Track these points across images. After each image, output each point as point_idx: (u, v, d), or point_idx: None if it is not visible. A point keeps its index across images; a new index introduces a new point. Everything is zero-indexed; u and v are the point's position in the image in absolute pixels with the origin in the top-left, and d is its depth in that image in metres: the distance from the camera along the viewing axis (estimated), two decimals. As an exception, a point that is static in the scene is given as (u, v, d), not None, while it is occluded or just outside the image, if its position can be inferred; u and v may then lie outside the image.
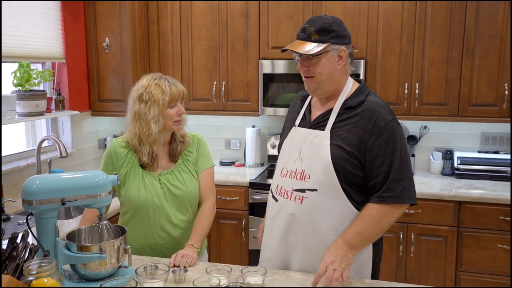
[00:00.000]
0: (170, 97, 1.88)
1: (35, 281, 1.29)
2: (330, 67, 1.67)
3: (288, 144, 1.81)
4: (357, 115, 1.66)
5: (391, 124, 1.63)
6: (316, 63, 1.66)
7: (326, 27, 1.65)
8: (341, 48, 1.67)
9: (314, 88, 1.71)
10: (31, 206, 1.51)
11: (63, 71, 3.28)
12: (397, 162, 1.61)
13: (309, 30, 1.67)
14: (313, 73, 1.68)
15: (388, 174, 1.61)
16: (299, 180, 1.70)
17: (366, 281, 1.66)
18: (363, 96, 1.70)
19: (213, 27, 3.49)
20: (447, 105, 3.17)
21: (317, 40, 1.65)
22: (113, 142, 1.98)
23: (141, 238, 1.95)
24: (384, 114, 1.64)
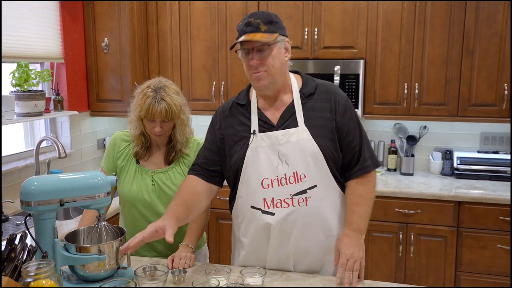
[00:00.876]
0: (144, 113, 1.85)
1: (33, 282, 1.28)
2: (280, 58, 1.65)
3: (257, 154, 1.67)
4: (319, 100, 1.70)
5: (348, 100, 1.73)
6: (268, 55, 1.61)
7: (272, 19, 1.64)
8: (286, 39, 1.68)
9: (267, 83, 1.64)
10: (29, 207, 1.50)
11: (61, 71, 3.27)
12: (362, 132, 1.73)
13: (256, 22, 1.62)
14: (266, 67, 1.62)
15: (361, 146, 1.71)
16: (295, 183, 1.64)
17: (366, 282, 1.66)
18: (314, 82, 1.74)
19: (212, 27, 3.48)
20: (447, 105, 3.17)
21: (266, 30, 1.61)
22: (116, 134, 2.05)
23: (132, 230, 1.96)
24: (339, 92, 1.73)
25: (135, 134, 1.96)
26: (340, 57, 3.27)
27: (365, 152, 1.71)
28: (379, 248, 3.10)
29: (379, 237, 3.09)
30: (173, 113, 1.86)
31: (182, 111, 1.92)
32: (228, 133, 1.75)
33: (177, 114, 1.88)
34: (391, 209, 3.04)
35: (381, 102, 3.27)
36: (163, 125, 1.88)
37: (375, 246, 3.10)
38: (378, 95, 3.27)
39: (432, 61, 3.15)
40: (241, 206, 1.73)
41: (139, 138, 1.97)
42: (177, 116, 1.89)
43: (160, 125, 1.88)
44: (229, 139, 1.74)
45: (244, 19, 1.66)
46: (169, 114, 1.85)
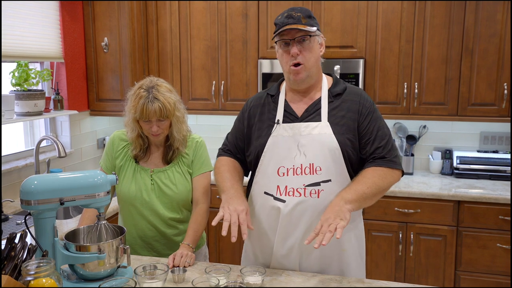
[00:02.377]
0: (139, 114, 1.85)
1: (33, 281, 1.28)
2: (317, 52, 1.72)
3: (278, 143, 1.73)
4: (346, 101, 1.74)
5: (374, 104, 1.78)
6: (308, 46, 1.67)
7: (310, 14, 1.71)
8: (321, 35, 1.74)
9: (305, 76, 1.70)
10: (29, 206, 1.50)
11: (61, 71, 3.27)
12: (388, 135, 1.75)
13: (297, 16, 1.67)
14: (304, 58, 1.67)
15: (383, 147, 1.72)
16: (310, 175, 1.67)
17: (365, 281, 1.66)
18: (343, 84, 1.80)
19: (212, 26, 3.48)
20: (446, 104, 3.17)
21: (307, 23, 1.67)
22: (115, 133, 2.06)
23: (132, 229, 1.99)
24: (366, 97, 1.78)
25: (133, 137, 1.95)
26: (339, 57, 3.27)
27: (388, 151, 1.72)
28: (379, 247, 3.10)
29: (378, 237, 3.09)
30: (168, 111, 1.86)
31: (177, 108, 1.91)
32: (255, 121, 1.83)
33: (171, 111, 1.88)
34: (391, 208, 3.04)
35: (381, 102, 3.27)
36: (159, 124, 1.88)
37: (375, 245, 3.10)
38: (378, 94, 3.27)
39: (431, 61, 3.15)
40: (256, 192, 1.78)
41: (137, 141, 1.96)
42: (172, 114, 1.89)
43: (157, 125, 1.87)
44: (255, 127, 1.82)
45: (284, 13, 1.71)
46: (163, 112, 1.85)
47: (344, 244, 1.74)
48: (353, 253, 1.78)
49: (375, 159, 1.71)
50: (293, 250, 1.73)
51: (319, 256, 1.73)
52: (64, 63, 3.25)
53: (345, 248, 1.75)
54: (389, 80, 3.24)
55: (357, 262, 1.79)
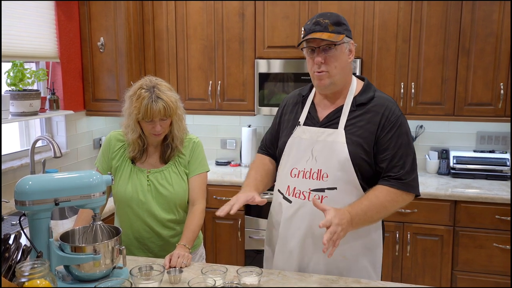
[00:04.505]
0: (143, 115, 1.84)
1: (28, 282, 1.27)
2: (344, 60, 1.69)
3: (296, 144, 1.77)
4: (369, 112, 1.69)
5: (400, 118, 1.69)
6: (333, 54, 1.66)
7: (340, 20, 1.69)
8: (351, 41, 1.71)
9: (328, 83, 1.70)
10: (24, 206, 1.49)
11: (57, 71, 3.25)
12: (409, 155, 1.69)
13: (325, 23, 1.67)
14: (328, 67, 1.67)
15: (400, 166, 1.66)
16: (317, 180, 1.69)
17: (362, 281, 1.66)
18: (372, 93, 1.73)
19: (209, 26, 3.47)
20: (443, 104, 3.18)
21: (334, 31, 1.65)
22: (111, 134, 2.04)
23: (128, 230, 1.98)
24: (394, 109, 1.69)
25: (133, 138, 1.93)
26: (336, 57, 3.26)
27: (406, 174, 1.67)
28: (376, 247, 3.10)
29: (375, 237, 3.09)
30: (171, 109, 1.86)
31: (178, 107, 1.92)
32: (285, 118, 1.88)
33: (174, 110, 1.87)
34: (388, 208, 3.04)
35: (378, 102, 3.27)
36: (162, 123, 1.87)
37: (372, 245, 3.10)
38: (375, 94, 3.26)
39: (428, 61, 3.15)
40: (275, 188, 1.86)
41: (136, 142, 1.94)
42: (175, 112, 1.89)
43: (160, 124, 1.87)
44: (284, 125, 1.88)
45: (313, 18, 1.71)
46: (167, 111, 1.84)
47: (346, 252, 1.72)
48: (358, 262, 1.74)
49: (391, 178, 1.66)
50: (293, 254, 1.74)
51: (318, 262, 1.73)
52: (59, 63, 3.24)
53: (347, 257, 1.73)
54: (386, 80, 3.24)
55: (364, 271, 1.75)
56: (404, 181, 1.66)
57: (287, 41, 3.34)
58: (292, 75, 3.31)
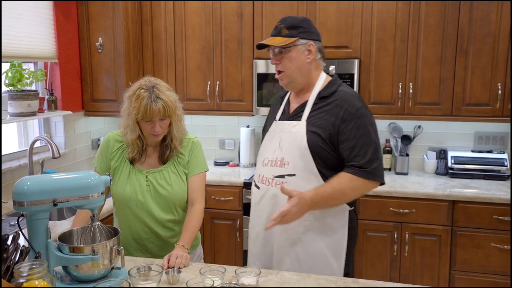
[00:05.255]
0: (142, 115, 1.84)
1: (26, 283, 1.27)
2: (300, 60, 1.84)
3: (269, 137, 1.96)
4: (330, 104, 1.82)
5: (361, 110, 1.79)
6: (286, 56, 1.83)
7: (295, 24, 1.84)
8: (309, 42, 1.85)
9: (287, 82, 1.88)
10: (22, 207, 1.49)
11: (55, 71, 3.25)
12: (370, 144, 1.78)
13: (280, 27, 1.85)
14: (284, 67, 1.84)
15: (362, 155, 1.76)
16: (279, 167, 1.85)
17: (360, 281, 1.66)
18: (335, 87, 1.86)
19: (207, 26, 3.48)
20: (441, 104, 3.18)
21: (287, 35, 1.83)
22: (110, 134, 2.04)
23: (126, 230, 1.98)
24: (355, 102, 1.81)
25: (132, 139, 1.93)
26: (334, 57, 3.27)
27: (368, 162, 1.76)
28: (374, 247, 3.10)
29: (374, 237, 3.09)
30: (170, 109, 1.86)
31: (177, 107, 1.93)
32: (269, 116, 2.09)
33: (173, 110, 1.88)
34: (386, 208, 3.05)
35: (376, 102, 3.28)
36: (161, 123, 1.88)
37: (370, 245, 3.11)
38: (373, 94, 3.27)
39: (426, 61, 3.16)
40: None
41: (136, 143, 1.94)
42: (174, 112, 1.89)
43: (159, 124, 1.87)
44: (268, 121, 2.07)
45: (278, 22, 1.89)
46: (167, 111, 1.85)
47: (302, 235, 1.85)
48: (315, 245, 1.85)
49: (354, 166, 1.76)
50: (259, 236, 1.93)
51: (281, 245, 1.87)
52: (58, 63, 3.24)
53: (302, 240, 1.85)
54: (384, 80, 3.24)
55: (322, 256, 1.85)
56: (366, 169, 1.76)
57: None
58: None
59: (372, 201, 3.07)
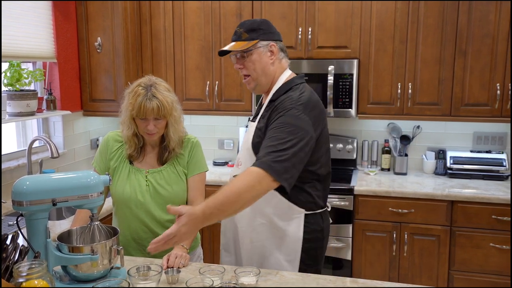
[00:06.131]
0: (136, 112, 1.85)
1: (25, 283, 1.27)
2: (263, 62, 1.84)
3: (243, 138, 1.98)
4: (272, 107, 1.81)
5: (289, 111, 1.70)
6: (249, 59, 1.83)
7: (254, 26, 1.84)
8: (270, 43, 1.85)
9: (254, 86, 1.88)
10: (21, 207, 1.48)
11: (54, 71, 3.24)
12: (279, 139, 1.64)
13: (239, 32, 1.85)
14: (249, 71, 1.84)
15: (269, 146, 1.63)
16: (236, 167, 1.92)
17: (360, 281, 1.66)
18: (283, 91, 1.82)
19: (206, 26, 3.47)
20: (440, 104, 3.19)
21: (247, 38, 1.83)
22: (109, 134, 2.04)
23: (125, 230, 1.97)
24: (287, 105, 1.74)
25: (128, 135, 1.94)
26: (334, 57, 3.27)
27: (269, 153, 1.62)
28: (373, 247, 3.10)
29: (372, 237, 3.10)
30: (165, 109, 1.85)
31: (174, 108, 1.91)
32: None
33: (169, 110, 1.87)
34: (385, 208, 3.05)
35: (375, 102, 3.28)
36: (156, 123, 1.87)
37: (369, 245, 3.11)
38: (372, 95, 3.28)
39: (425, 61, 3.16)
40: None
41: (132, 140, 1.95)
42: (169, 113, 1.88)
43: (153, 123, 1.86)
44: None
45: (237, 26, 1.89)
46: (161, 111, 1.84)
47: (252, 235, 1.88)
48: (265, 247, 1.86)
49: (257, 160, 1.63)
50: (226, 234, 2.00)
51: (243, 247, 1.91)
52: (57, 63, 3.23)
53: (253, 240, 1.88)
54: (383, 80, 3.25)
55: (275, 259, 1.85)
56: (263, 159, 1.60)
57: (285, 42, 3.28)
58: (290, 76, 3.31)
59: (371, 201, 3.07)
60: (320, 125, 1.77)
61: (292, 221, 1.83)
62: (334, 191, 3.09)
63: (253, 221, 1.85)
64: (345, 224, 3.10)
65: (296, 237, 1.83)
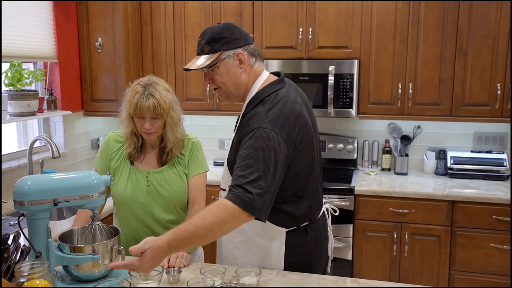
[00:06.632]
0: (133, 109, 1.84)
1: (27, 282, 1.27)
2: (231, 73, 1.67)
3: None
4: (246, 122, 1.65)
5: (256, 131, 1.55)
6: (216, 73, 1.67)
7: (215, 36, 1.66)
8: (237, 51, 1.66)
9: (225, 97, 1.75)
10: (22, 207, 1.49)
11: (55, 71, 3.25)
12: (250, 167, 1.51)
13: (201, 44, 1.69)
14: (218, 84, 1.70)
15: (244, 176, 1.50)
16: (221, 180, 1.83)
17: (360, 281, 1.66)
18: (253, 105, 1.67)
19: (207, 26, 3.46)
20: (440, 105, 3.19)
21: (209, 51, 1.66)
22: (110, 135, 2.04)
23: (126, 231, 1.97)
24: (254, 122, 1.59)
25: (127, 133, 1.94)
26: (334, 57, 3.27)
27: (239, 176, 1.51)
28: (374, 247, 3.11)
29: (373, 237, 3.10)
30: (162, 109, 1.84)
31: (172, 108, 1.89)
32: None
33: (166, 110, 1.85)
34: (385, 208, 3.05)
35: (375, 102, 3.28)
36: (153, 122, 1.86)
37: (370, 245, 3.11)
38: (372, 95, 3.28)
39: (425, 61, 3.16)
40: None
41: (131, 138, 1.95)
42: (167, 113, 1.87)
43: (150, 123, 1.86)
44: None
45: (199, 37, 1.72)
46: (157, 110, 1.83)
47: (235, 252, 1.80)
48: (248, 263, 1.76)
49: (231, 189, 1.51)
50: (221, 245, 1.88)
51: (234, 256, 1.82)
52: (57, 63, 3.23)
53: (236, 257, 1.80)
54: (384, 80, 3.25)
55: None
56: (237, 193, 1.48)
57: (285, 42, 3.35)
58: (290, 76, 3.31)
59: (372, 201, 3.07)
60: (297, 138, 1.61)
61: (273, 240, 1.72)
62: (334, 191, 3.10)
63: (234, 237, 1.76)
64: (345, 224, 3.11)
65: (278, 254, 1.73)
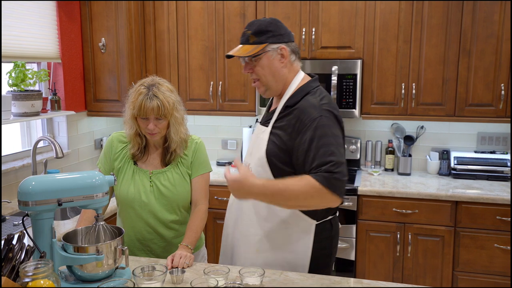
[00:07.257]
0: (137, 110, 1.85)
1: (31, 282, 1.27)
2: (273, 66, 1.74)
3: (251, 140, 1.93)
4: (291, 114, 1.71)
5: (318, 120, 1.62)
6: (258, 64, 1.74)
7: (262, 28, 1.72)
8: (280, 46, 1.73)
9: (264, 90, 1.79)
10: (27, 207, 1.49)
11: (58, 71, 3.26)
12: (334, 155, 1.57)
13: (247, 34, 1.75)
14: (258, 75, 1.75)
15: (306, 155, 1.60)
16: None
17: (364, 281, 1.66)
18: (300, 97, 1.73)
19: (210, 27, 3.48)
20: (444, 105, 3.18)
21: (255, 42, 1.72)
22: (113, 135, 2.04)
23: (130, 231, 1.98)
24: (311, 113, 1.65)
25: (131, 134, 1.95)
26: (337, 57, 3.27)
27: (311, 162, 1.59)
28: (377, 247, 3.10)
29: (376, 237, 3.09)
30: (166, 109, 1.85)
31: (176, 109, 1.90)
32: None
33: (170, 111, 1.86)
34: (389, 209, 3.05)
35: (379, 102, 3.28)
36: (156, 123, 1.87)
37: (373, 245, 3.11)
38: (376, 95, 3.27)
39: (429, 61, 3.16)
40: None
41: (135, 139, 1.95)
42: (170, 113, 1.87)
43: (154, 123, 1.86)
44: None
45: (245, 27, 1.79)
46: (161, 110, 1.84)
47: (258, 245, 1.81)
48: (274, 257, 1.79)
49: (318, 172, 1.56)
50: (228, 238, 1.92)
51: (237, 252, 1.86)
52: (61, 63, 3.24)
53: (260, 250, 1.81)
54: (387, 80, 3.24)
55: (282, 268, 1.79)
56: (328, 176, 1.55)
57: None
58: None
59: (375, 201, 3.07)
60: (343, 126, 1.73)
61: (303, 232, 1.76)
62: (337, 191, 3.09)
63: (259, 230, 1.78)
64: (349, 225, 3.10)
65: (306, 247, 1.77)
